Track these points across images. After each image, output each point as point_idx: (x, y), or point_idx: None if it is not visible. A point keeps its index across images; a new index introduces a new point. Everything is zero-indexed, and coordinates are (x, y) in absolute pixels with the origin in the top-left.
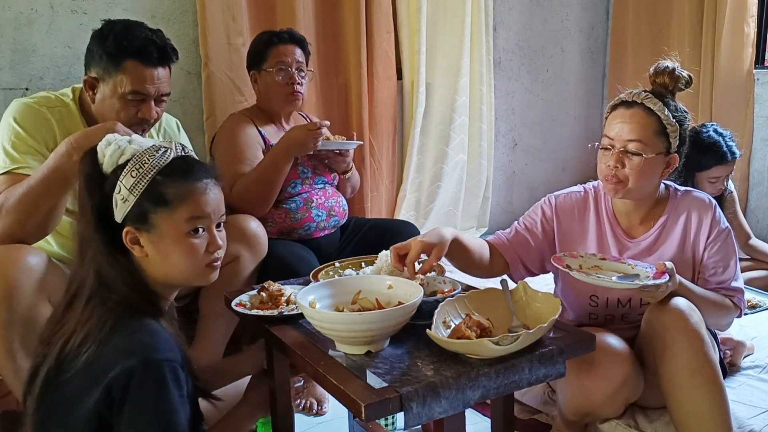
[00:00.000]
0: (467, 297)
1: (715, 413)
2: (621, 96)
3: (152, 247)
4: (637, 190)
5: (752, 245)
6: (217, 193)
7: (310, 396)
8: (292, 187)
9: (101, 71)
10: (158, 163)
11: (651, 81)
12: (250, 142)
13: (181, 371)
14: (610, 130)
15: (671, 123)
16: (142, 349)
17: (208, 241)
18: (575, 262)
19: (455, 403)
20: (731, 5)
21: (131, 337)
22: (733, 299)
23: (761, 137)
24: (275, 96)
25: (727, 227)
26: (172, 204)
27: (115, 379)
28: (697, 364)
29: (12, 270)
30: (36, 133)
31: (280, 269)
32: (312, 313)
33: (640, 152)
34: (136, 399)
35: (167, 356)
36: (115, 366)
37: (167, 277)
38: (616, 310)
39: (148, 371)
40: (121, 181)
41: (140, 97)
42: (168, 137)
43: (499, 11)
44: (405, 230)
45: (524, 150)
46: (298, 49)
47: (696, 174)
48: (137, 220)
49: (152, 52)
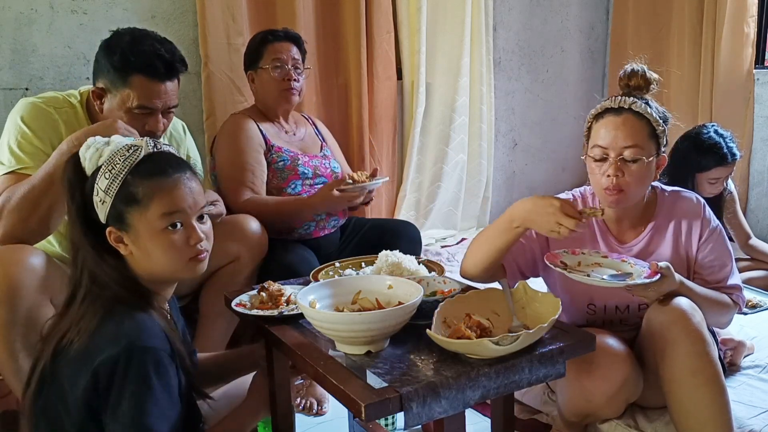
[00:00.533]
0: (467, 297)
1: (716, 413)
2: (604, 104)
3: (134, 245)
4: (635, 196)
5: (752, 245)
6: (192, 186)
7: (310, 396)
8: (293, 188)
9: (108, 84)
10: (129, 162)
11: (623, 86)
12: (253, 145)
13: (167, 361)
14: (601, 140)
15: (660, 124)
16: (127, 336)
17: (188, 235)
18: (575, 258)
19: (455, 403)
20: (731, 5)
21: (118, 326)
22: (732, 296)
23: (761, 137)
24: (272, 93)
25: (717, 225)
26: (144, 202)
27: (101, 366)
28: (699, 364)
29: (14, 270)
30: (42, 134)
31: (280, 269)
32: (312, 313)
33: (639, 157)
34: (119, 385)
35: (150, 344)
36: (102, 353)
37: (153, 273)
38: (615, 315)
39: (132, 358)
40: (98, 183)
41: (147, 111)
42: (175, 141)
43: (499, 11)
44: (405, 230)
45: (524, 150)
46: (293, 47)
47: (696, 175)
48: (115, 220)
49: (159, 67)
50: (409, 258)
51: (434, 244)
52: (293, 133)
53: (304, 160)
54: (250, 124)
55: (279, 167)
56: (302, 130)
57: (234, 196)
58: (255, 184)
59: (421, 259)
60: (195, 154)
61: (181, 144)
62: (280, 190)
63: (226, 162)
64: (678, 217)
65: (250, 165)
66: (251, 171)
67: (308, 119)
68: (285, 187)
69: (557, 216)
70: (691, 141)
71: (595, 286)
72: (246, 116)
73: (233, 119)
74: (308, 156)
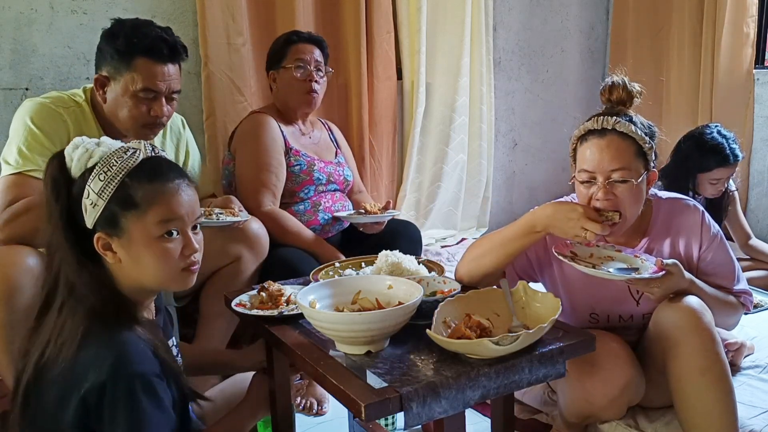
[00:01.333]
0: (467, 297)
1: (723, 412)
2: (587, 125)
3: (124, 252)
4: (632, 218)
5: (752, 245)
6: (190, 194)
7: (310, 396)
8: (305, 193)
9: (112, 70)
10: (127, 165)
11: (605, 100)
12: (275, 147)
13: (157, 382)
14: (587, 163)
15: (646, 141)
16: (111, 362)
17: (183, 245)
18: (587, 250)
19: (455, 403)
20: (731, 5)
21: (101, 351)
22: (740, 299)
23: (761, 137)
24: (293, 94)
25: (718, 232)
26: (142, 207)
27: (88, 393)
28: (708, 362)
29: (13, 271)
30: (53, 134)
31: (280, 269)
32: (312, 313)
33: (627, 179)
34: (111, 412)
35: (138, 370)
36: (87, 380)
37: (141, 283)
38: (618, 324)
39: (118, 386)
40: (90, 185)
41: (152, 94)
42: (174, 135)
43: (499, 11)
44: (405, 230)
45: (524, 150)
46: (317, 49)
47: (697, 175)
48: (107, 224)
49: (162, 48)
50: (409, 258)
51: (434, 244)
52: (309, 136)
53: (320, 165)
54: (273, 123)
55: (295, 171)
56: (318, 134)
57: (255, 200)
58: (277, 188)
59: (421, 259)
60: (194, 149)
61: (181, 138)
62: (293, 194)
63: (250, 161)
64: (676, 226)
65: (273, 167)
66: (275, 174)
67: (324, 124)
68: (298, 191)
69: (582, 221)
70: (694, 141)
71: (596, 292)
72: (267, 115)
73: (256, 117)
74: (323, 162)
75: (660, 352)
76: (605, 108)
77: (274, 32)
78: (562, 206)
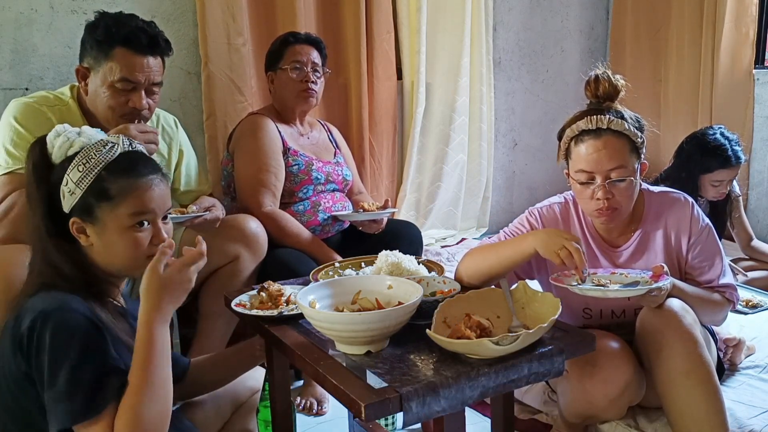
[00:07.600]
0: (467, 297)
1: (710, 413)
2: (580, 124)
3: (97, 237)
4: (627, 211)
5: (754, 246)
6: (163, 188)
7: (310, 396)
8: (304, 192)
9: (92, 60)
10: (105, 158)
11: (592, 95)
12: (274, 147)
13: (86, 322)
14: (584, 164)
15: (638, 136)
16: (47, 305)
17: (152, 234)
18: (570, 280)
19: (455, 403)
20: (731, 5)
21: (43, 300)
22: (725, 295)
23: (761, 137)
24: (290, 94)
25: (707, 224)
26: (116, 199)
27: (22, 336)
28: (691, 365)
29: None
30: (38, 132)
31: (280, 269)
32: (312, 313)
33: (626, 177)
34: (37, 350)
35: (69, 309)
36: (22, 325)
37: (110, 266)
38: (611, 320)
39: (48, 319)
40: (69, 174)
41: (130, 85)
42: (167, 134)
43: (499, 11)
44: (406, 230)
45: (524, 150)
46: (314, 51)
47: (699, 176)
48: (83, 212)
49: (142, 39)
50: (409, 258)
51: (434, 244)
52: (307, 137)
53: (318, 165)
54: (271, 124)
55: (293, 171)
56: (316, 134)
57: (256, 200)
58: (276, 188)
59: (421, 259)
60: (189, 149)
61: (173, 137)
62: (292, 194)
63: (249, 161)
64: (666, 218)
65: (272, 167)
66: (274, 174)
67: (323, 125)
68: (297, 191)
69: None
70: (697, 141)
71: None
72: (265, 116)
73: (254, 118)
74: (322, 162)
75: (647, 355)
76: (592, 103)
77: (275, 32)
78: (552, 231)
